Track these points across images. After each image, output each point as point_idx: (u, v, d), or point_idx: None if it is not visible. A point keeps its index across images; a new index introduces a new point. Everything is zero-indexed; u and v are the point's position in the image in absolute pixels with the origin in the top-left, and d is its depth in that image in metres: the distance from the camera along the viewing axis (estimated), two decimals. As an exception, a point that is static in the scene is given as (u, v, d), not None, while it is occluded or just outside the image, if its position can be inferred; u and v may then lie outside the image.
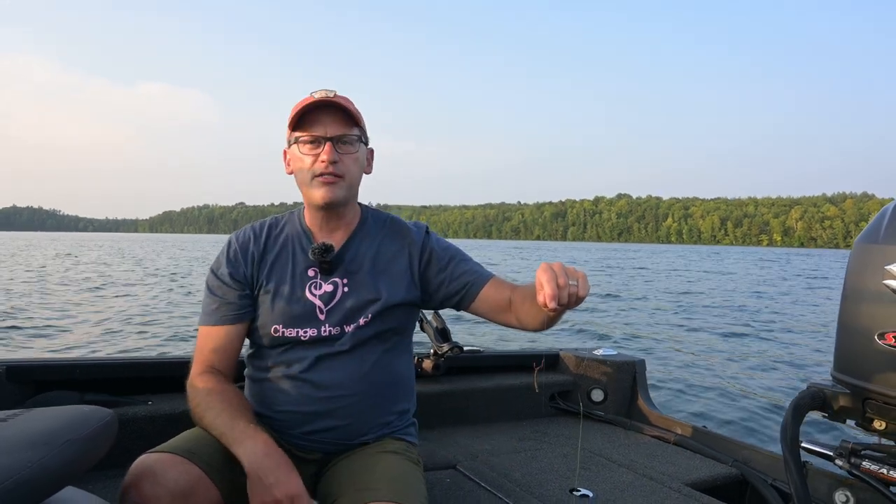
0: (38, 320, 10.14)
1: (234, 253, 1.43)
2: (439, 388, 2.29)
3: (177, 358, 1.97)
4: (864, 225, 1.63)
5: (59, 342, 8.40)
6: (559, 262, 1.09)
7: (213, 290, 1.41)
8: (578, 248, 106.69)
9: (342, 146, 1.35)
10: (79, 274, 21.69)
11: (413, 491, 1.23)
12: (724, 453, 2.09)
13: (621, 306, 15.06)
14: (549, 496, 1.68)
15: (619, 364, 2.51)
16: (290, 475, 1.16)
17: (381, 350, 1.42)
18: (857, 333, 1.59)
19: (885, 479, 1.57)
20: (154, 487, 1.08)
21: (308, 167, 1.34)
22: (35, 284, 16.74)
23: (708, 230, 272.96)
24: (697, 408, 5.86)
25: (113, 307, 12.30)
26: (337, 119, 1.34)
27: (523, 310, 1.33)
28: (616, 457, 2.06)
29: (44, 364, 1.81)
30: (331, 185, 1.34)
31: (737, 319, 13.16)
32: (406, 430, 1.49)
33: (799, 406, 1.69)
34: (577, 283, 1.07)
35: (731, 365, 8.21)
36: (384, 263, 1.44)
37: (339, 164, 1.34)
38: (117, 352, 7.88)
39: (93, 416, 1.00)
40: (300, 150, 1.35)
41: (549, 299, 1.04)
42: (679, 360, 8.46)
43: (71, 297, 14.01)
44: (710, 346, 9.85)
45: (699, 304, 16.36)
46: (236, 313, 1.39)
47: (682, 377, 7.30)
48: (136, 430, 1.67)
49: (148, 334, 9.13)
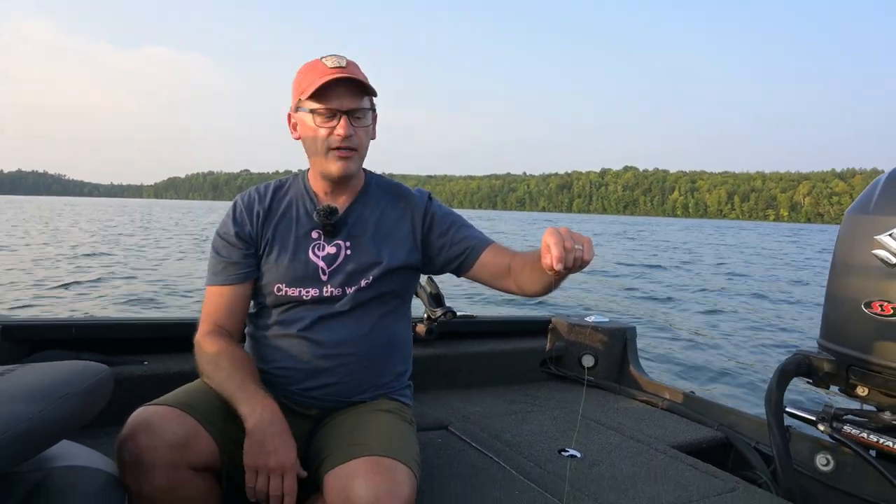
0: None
1: (239, 213, 1.45)
2: (432, 353, 2.32)
3: (173, 319, 1.99)
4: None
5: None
6: (565, 227, 1.12)
7: (218, 251, 1.44)
8: (591, 220, 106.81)
9: (356, 119, 1.36)
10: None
11: (406, 449, 1.26)
12: (711, 417, 2.13)
13: (629, 274, 15.22)
14: (537, 456, 1.72)
15: (610, 330, 2.54)
16: (288, 446, 1.20)
17: (380, 312, 1.45)
18: (845, 302, 1.62)
19: (866, 443, 1.62)
20: (151, 439, 1.11)
21: (322, 138, 1.35)
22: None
23: (714, 204, 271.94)
24: (686, 374, 5.96)
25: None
26: (352, 91, 1.35)
27: (523, 275, 1.35)
28: (605, 420, 2.10)
29: (40, 323, 1.83)
30: (346, 160, 1.36)
31: (733, 289, 13.27)
32: (402, 391, 1.52)
33: (784, 372, 1.73)
34: (582, 248, 1.09)
35: (722, 333, 8.32)
36: (387, 228, 1.47)
37: (354, 138, 1.36)
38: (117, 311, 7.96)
39: (89, 371, 1.02)
40: (314, 121, 1.35)
41: (556, 261, 1.06)
42: (670, 326, 8.57)
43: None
44: (701, 314, 9.95)
45: (702, 274, 16.51)
46: (242, 272, 1.42)
47: (673, 343, 7.40)
48: (132, 389, 1.69)
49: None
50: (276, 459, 1.17)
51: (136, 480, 1.11)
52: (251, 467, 1.18)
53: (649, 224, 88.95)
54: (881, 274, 1.53)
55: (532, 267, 1.29)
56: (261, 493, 1.18)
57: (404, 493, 1.13)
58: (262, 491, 1.17)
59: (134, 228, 30.46)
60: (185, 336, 1.90)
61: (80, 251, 16.69)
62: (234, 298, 1.42)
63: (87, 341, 1.83)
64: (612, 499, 1.50)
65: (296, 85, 1.39)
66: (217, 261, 1.43)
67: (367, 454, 1.18)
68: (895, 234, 1.51)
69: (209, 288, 1.44)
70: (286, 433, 1.21)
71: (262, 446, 1.17)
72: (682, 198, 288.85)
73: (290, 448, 1.20)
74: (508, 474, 1.59)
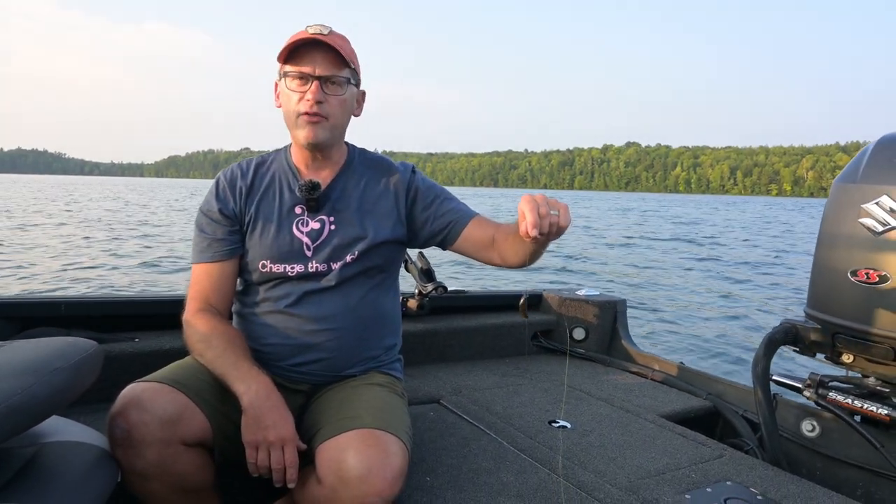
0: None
1: (222, 189, 1.44)
2: (424, 327, 2.33)
3: (163, 296, 1.98)
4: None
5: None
6: (541, 194, 1.11)
7: (203, 229, 1.43)
8: (594, 196, 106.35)
9: (330, 86, 1.33)
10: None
11: (397, 421, 1.27)
12: (699, 387, 2.16)
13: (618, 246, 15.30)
14: (528, 427, 1.74)
15: (601, 303, 2.56)
16: (285, 419, 1.20)
17: (367, 286, 1.45)
18: (831, 271, 1.63)
19: (850, 409, 1.64)
20: (142, 414, 1.11)
21: (294, 103, 1.33)
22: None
23: (717, 179, 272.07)
24: (676, 345, 6.03)
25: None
26: (328, 58, 1.32)
27: (506, 245, 1.35)
28: (595, 391, 2.13)
29: (29, 301, 1.82)
30: (314, 126, 1.34)
31: (724, 261, 13.38)
32: (392, 364, 1.53)
33: (771, 341, 1.75)
34: (558, 213, 1.09)
35: (712, 304, 8.40)
36: (371, 202, 1.46)
37: (325, 105, 1.33)
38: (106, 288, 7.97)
39: (79, 347, 1.02)
40: (287, 84, 1.34)
41: (531, 227, 1.06)
42: (661, 298, 8.64)
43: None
44: (693, 286, 10.03)
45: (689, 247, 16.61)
46: (228, 248, 1.41)
47: (663, 315, 7.47)
48: (123, 366, 1.69)
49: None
50: (275, 433, 1.18)
51: (128, 456, 1.11)
52: (251, 443, 1.18)
53: (669, 201, 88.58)
54: (867, 242, 1.54)
55: (514, 237, 1.29)
56: (263, 468, 1.18)
57: (396, 465, 1.14)
58: (263, 465, 1.18)
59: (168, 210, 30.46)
60: (175, 313, 1.90)
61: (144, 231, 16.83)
62: (222, 275, 1.41)
63: (77, 318, 1.82)
64: (602, 467, 1.52)
65: (279, 52, 1.36)
66: (202, 238, 1.42)
67: (358, 427, 1.19)
68: (882, 203, 1.52)
69: (195, 266, 1.42)
70: (282, 407, 1.22)
71: (260, 421, 1.18)
72: (685, 173, 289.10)
73: (288, 421, 1.21)
74: (500, 446, 1.61)
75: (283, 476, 1.18)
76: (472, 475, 1.43)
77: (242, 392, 1.21)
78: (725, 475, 1.52)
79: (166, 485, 1.16)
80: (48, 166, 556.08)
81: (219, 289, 1.41)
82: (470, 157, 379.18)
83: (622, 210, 44.70)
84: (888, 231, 1.50)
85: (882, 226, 1.51)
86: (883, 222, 1.51)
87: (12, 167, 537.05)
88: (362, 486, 1.09)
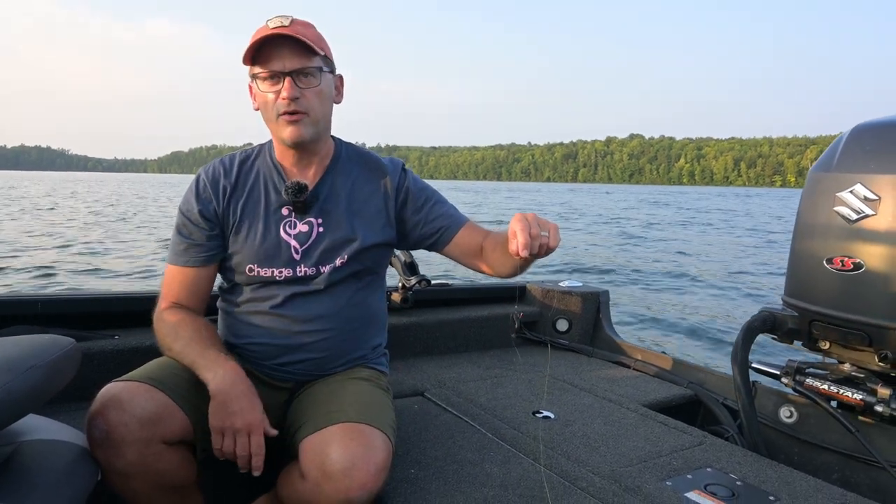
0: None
1: (203, 188, 1.39)
2: (408, 321, 2.33)
3: (143, 293, 1.96)
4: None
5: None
6: (532, 213, 1.12)
7: (181, 231, 1.39)
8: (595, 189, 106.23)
9: (303, 79, 1.29)
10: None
11: (381, 415, 1.27)
12: (681, 376, 2.19)
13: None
14: (512, 419, 1.75)
15: (584, 295, 2.58)
16: (252, 405, 1.19)
17: (355, 288, 1.43)
18: (807, 259, 1.66)
19: (827, 395, 1.67)
20: (121, 414, 1.10)
21: (271, 104, 1.30)
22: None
23: (721, 171, 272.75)
24: (658, 335, 6.10)
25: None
26: (295, 51, 1.27)
27: (494, 256, 1.36)
28: (578, 382, 2.14)
29: (5, 299, 1.79)
30: (296, 124, 1.30)
31: (707, 253, 13.53)
32: (377, 360, 1.53)
33: (750, 329, 1.78)
34: (548, 234, 1.11)
35: (692, 294, 8.49)
36: (360, 202, 1.43)
37: (302, 100, 1.29)
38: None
39: (55, 344, 1.01)
40: (260, 86, 1.30)
41: (522, 248, 1.07)
42: (642, 288, 8.72)
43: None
44: (674, 276, 10.14)
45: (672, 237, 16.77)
46: (205, 255, 1.38)
47: (645, 306, 7.54)
48: (102, 364, 1.67)
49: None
50: (241, 420, 1.17)
51: (108, 456, 1.10)
52: (217, 429, 1.18)
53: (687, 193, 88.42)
54: (842, 230, 1.56)
55: (502, 249, 1.30)
56: (228, 454, 1.18)
57: (379, 459, 1.14)
58: (228, 451, 1.18)
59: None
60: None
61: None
62: (196, 280, 1.38)
63: (55, 316, 1.80)
64: (584, 456, 1.54)
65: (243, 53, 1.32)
66: (179, 241, 1.38)
67: (342, 421, 1.18)
68: (856, 191, 1.54)
69: (170, 266, 1.39)
70: (251, 393, 1.21)
71: (226, 407, 1.17)
72: (689, 165, 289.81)
73: (255, 407, 1.20)
74: (484, 437, 1.62)
75: (249, 463, 1.17)
76: (457, 466, 1.44)
77: (210, 379, 1.19)
78: (706, 462, 1.54)
79: (148, 483, 1.15)
80: (51, 163, 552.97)
81: (191, 293, 1.38)
82: (473, 150, 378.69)
83: (655, 203, 44.45)
84: (862, 219, 1.53)
85: (856, 214, 1.54)
86: (857, 210, 1.54)
87: (15, 164, 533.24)
88: (346, 479, 1.09)
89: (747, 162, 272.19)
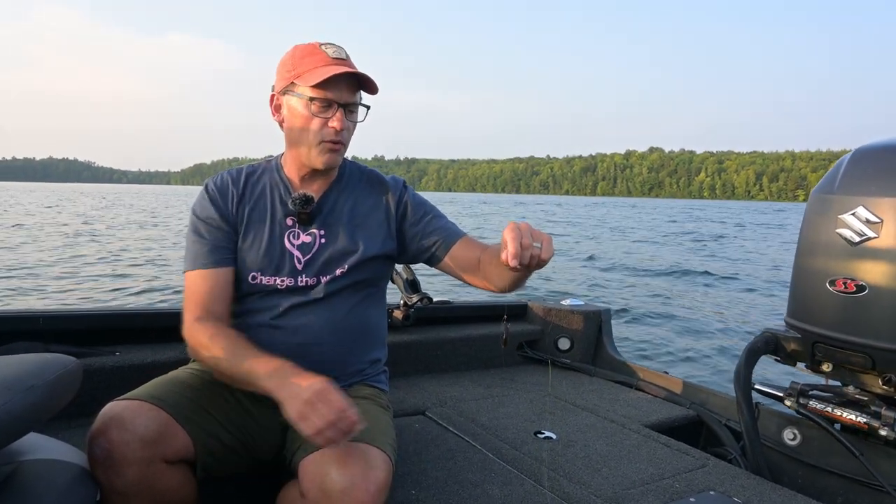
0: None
1: (213, 195, 1.42)
2: (409, 338, 2.33)
3: (144, 309, 1.96)
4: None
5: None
6: (526, 223, 1.11)
7: (201, 234, 1.39)
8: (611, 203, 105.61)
9: (350, 114, 1.36)
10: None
11: (381, 434, 1.26)
12: (683, 396, 2.18)
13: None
14: (514, 439, 1.74)
15: (586, 313, 2.57)
16: (307, 376, 1.12)
17: (354, 300, 1.44)
18: (810, 280, 1.65)
19: (830, 417, 1.66)
20: (122, 434, 1.09)
21: (315, 130, 1.34)
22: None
23: (742, 185, 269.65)
24: (661, 355, 6.07)
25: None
26: (350, 85, 1.34)
27: (490, 269, 1.35)
28: (580, 401, 2.13)
29: (6, 315, 1.79)
30: (334, 153, 1.36)
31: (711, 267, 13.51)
32: (377, 377, 1.52)
33: (752, 350, 1.77)
34: (540, 246, 1.09)
35: (697, 312, 8.47)
36: (362, 216, 1.46)
37: (345, 132, 1.36)
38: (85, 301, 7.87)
39: (56, 363, 1.00)
40: (310, 108, 1.33)
41: (511, 258, 1.06)
42: (645, 308, 8.69)
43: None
44: (676, 294, 10.12)
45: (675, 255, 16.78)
46: (227, 256, 1.39)
47: (648, 325, 7.51)
48: (104, 380, 1.67)
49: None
50: (309, 392, 1.08)
51: (108, 476, 1.09)
52: (300, 417, 1.07)
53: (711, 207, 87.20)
54: (844, 252, 1.57)
55: (497, 262, 1.28)
56: (329, 435, 1.06)
57: (380, 479, 1.13)
58: (327, 431, 1.06)
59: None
60: (157, 327, 1.87)
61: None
62: (222, 282, 1.37)
63: (56, 332, 1.80)
64: (587, 478, 1.53)
65: (289, 66, 1.35)
66: (201, 244, 1.38)
67: None
68: (858, 214, 1.55)
69: (191, 274, 1.37)
70: (298, 369, 1.15)
71: (296, 394, 1.09)
72: (709, 179, 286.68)
73: (313, 376, 1.12)
74: (485, 457, 1.61)
75: (350, 421, 1.07)
76: (458, 487, 1.42)
77: (270, 389, 1.14)
78: (709, 485, 1.53)
79: (147, 503, 1.14)
80: (78, 174, 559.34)
81: (219, 297, 1.35)
82: (492, 163, 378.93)
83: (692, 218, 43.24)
84: (865, 241, 1.53)
85: (858, 236, 1.54)
86: (859, 232, 1.54)
87: (44, 175, 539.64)
88: (345, 499, 1.08)
89: (769, 176, 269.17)
